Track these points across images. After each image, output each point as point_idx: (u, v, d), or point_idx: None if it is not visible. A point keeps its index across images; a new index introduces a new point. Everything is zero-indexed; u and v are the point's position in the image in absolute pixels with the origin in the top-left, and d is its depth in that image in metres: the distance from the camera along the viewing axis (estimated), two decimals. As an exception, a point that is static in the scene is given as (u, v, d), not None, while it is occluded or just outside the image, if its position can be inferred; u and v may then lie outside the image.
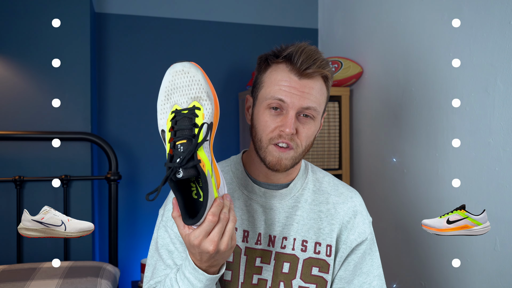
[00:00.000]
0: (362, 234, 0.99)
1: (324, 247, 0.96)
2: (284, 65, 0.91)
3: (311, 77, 0.90)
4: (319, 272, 0.96)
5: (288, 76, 0.90)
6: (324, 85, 0.94)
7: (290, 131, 0.88)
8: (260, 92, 0.94)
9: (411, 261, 1.69)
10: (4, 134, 1.70)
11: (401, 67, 1.74)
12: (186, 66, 0.79)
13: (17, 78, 1.77)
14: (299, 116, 0.91)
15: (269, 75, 0.93)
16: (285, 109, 0.90)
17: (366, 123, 2.00)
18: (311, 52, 0.90)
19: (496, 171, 1.33)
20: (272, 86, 0.91)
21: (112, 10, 2.09)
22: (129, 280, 2.08)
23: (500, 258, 1.32)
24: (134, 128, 2.10)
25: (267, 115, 0.91)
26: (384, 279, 1.01)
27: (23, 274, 1.47)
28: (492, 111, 1.34)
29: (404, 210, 1.74)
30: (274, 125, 0.90)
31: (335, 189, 1.02)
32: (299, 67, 0.89)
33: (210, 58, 2.21)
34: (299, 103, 0.89)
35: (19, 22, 1.76)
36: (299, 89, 0.89)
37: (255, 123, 0.94)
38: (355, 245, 0.98)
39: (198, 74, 0.78)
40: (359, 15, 2.04)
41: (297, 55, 0.89)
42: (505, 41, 1.29)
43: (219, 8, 2.25)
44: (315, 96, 0.91)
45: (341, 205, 1.00)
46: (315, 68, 0.89)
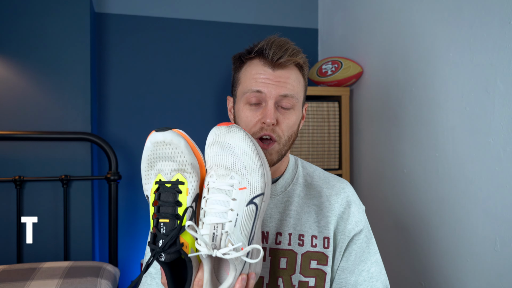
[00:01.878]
0: (359, 223, 0.99)
1: (321, 240, 0.97)
2: (257, 60, 0.94)
3: (285, 67, 0.93)
4: (317, 265, 0.96)
5: (262, 69, 0.92)
6: (300, 74, 0.96)
7: (271, 121, 0.90)
8: (238, 89, 0.96)
9: (411, 261, 1.69)
10: (4, 134, 1.70)
11: (401, 67, 1.74)
12: (168, 137, 0.74)
13: (17, 78, 1.77)
14: (279, 107, 0.93)
15: (245, 72, 0.95)
16: (263, 100, 0.92)
17: (366, 123, 2.00)
18: (282, 42, 0.93)
19: (496, 171, 1.33)
20: (248, 80, 0.93)
21: (112, 10, 2.09)
22: (129, 280, 2.08)
23: (500, 258, 1.32)
24: (134, 128, 2.10)
25: (247, 110, 0.93)
26: (382, 264, 1.01)
27: (23, 274, 1.47)
28: (492, 111, 1.34)
29: (404, 210, 1.74)
30: (255, 119, 0.92)
31: (327, 182, 1.03)
32: (272, 58, 0.91)
33: (210, 58, 2.21)
34: (276, 91, 0.91)
35: (19, 22, 1.76)
36: (274, 79, 0.91)
37: (237, 120, 0.96)
38: (353, 235, 0.99)
39: (181, 145, 0.75)
40: (359, 15, 2.04)
41: (268, 47, 0.92)
42: (505, 41, 1.29)
43: (219, 8, 2.25)
44: (292, 85, 0.93)
45: (334, 197, 1.00)
46: (287, 57, 0.91)
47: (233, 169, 0.76)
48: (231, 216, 0.72)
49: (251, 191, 0.75)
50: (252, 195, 0.75)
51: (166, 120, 2.15)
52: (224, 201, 0.73)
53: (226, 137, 0.78)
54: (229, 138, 0.78)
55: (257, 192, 0.75)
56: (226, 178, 0.75)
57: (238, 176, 0.75)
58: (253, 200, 0.75)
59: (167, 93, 2.16)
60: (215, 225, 0.71)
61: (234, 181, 0.75)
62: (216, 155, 0.78)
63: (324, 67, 2.05)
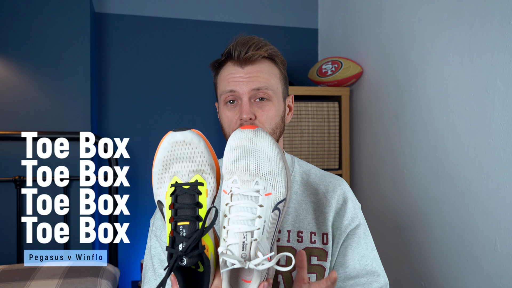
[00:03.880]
0: (355, 219, 1.00)
1: (319, 236, 0.97)
2: (228, 62, 0.99)
3: (253, 62, 0.96)
4: (317, 261, 0.96)
5: (233, 69, 0.97)
6: (273, 66, 0.99)
7: (248, 116, 0.92)
8: (217, 93, 1.01)
9: (411, 261, 1.69)
10: (4, 134, 1.70)
11: (401, 67, 1.74)
12: (188, 136, 0.72)
13: (17, 78, 1.77)
14: (255, 101, 0.95)
15: (220, 76, 1.00)
16: (238, 99, 0.95)
17: (366, 123, 2.00)
18: (245, 40, 0.98)
19: (496, 171, 1.33)
20: (222, 82, 0.98)
21: (112, 10, 2.09)
22: (129, 280, 2.08)
23: (500, 258, 1.32)
24: (134, 128, 2.10)
25: (226, 110, 0.97)
26: (380, 261, 1.02)
27: (23, 274, 1.47)
28: (492, 111, 1.34)
29: (404, 210, 1.74)
30: (235, 117, 0.95)
31: (323, 180, 1.04)
32: (238, 57, 0.96)
33: (210, 58, 2.20)
34: (248, 87, 0.94)
35: (19, 22, 1.76)
36: (244, 76, 0.95)
37: (221, 121, 0.99)
38: (350, 230, 0.99)
39: (201, 145, 0.73)
40: (359, 15, 2.04)
41: (234, 47, 0.97)
42: (505, 41, 1.29)
43: (219, 8, 2.25)
44: (263, 77, 0.95)
45: (331, 193, 1.01)
46: (252, 51, 0.95)
47: (257, 174, 0.73)
48: (259, 223, 0.69)
49: (275, 196, 0.72)
50: (277, 201, 0.72)
51: (166, 120, 2.15)
52: (251, 207, 0.70)
53: (252, 141, 0.75)
54: (256, 142, 0.75)
55: (281, 197, 0.73)
56: (251, 183, 0.72)
57: (262, 181, 0.73)
58: (277, 206, 0.73)
59: (167, 93, 2.16)
60: (245, 234, 0.68)
61: (259, 186, 0.72)
62: (239, 159, 0.75)
63: (324, 67, 2.05)
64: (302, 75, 2.29)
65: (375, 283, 0.97)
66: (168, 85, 2.16)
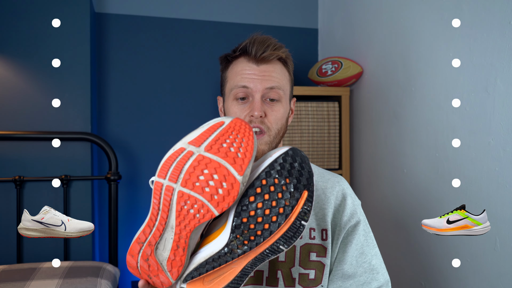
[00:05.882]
0: (354, 215, 1.00)
1: (319, 232, 0.97)
2: (242, 57, 0.98)
3: (269, 62, 0.97)
4: (317, 257, 0.96)
5: (247, 65, 0.97)
6: (284, 68, 1.00)
7: (259, 114, 0.93)
8: (226, 87, 1.01)
9: (411, 261, 1.69)
10: (4, 134, 1.70)
11: (401, 67, 1.74)
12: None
13: (17, 78, 1.77)
14: (266, 100, 0.96)
15: (231, 70, 1.00)
16: (250, 95, 0.96)
17: (366, 123, 2.00)
18: (263, 39, 0.97)
19: (496, 171, 1.33)
20: (234, 77, 0.98)
21: (112, 10, 2.09)
22: (129, 280, 2.08)
23: (500, 258, 1.32)
24: (134, 128, 2.10)
25: (235, 106, 0.97)
26: (381, 259, 1.02)
27: (23, 274, 1.47)
28: (492, 111, 1.34)
29: (404, 210, 1.74)
30: (244, 113, 0.96)
31: (322, 177, 1.04)
32: (255, 54, 0.96)
33: (210, 58, 2.21)
34: (262, 85, 0.95)
35: (19, 22, 1.76)
36: (259, 74, 0.96)
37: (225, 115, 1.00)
38: (349, 227, 0.99)
39: None
40: (359, 15, 2.04)
41: (251, 45, 0.96)
42: (505, 41, 1.29)
43: (219, 8, 2.25)
44: (277, 77, 0.97)
45: (330, 189, 1.02)
46: (270, 51, 0.95)
47: None
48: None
49: None
50: None
51: (166, 120, 2.15)
52: None
53: None
54: None
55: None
56: None
57: None
58: None
59: (167, 93, 2.16)
60: None
61: None
62: None
63: (324, 67, 2.05)
64: (302, 75, 2.29)
65: (374, 281, 0.97)
66: (168, 85, 2.16)
